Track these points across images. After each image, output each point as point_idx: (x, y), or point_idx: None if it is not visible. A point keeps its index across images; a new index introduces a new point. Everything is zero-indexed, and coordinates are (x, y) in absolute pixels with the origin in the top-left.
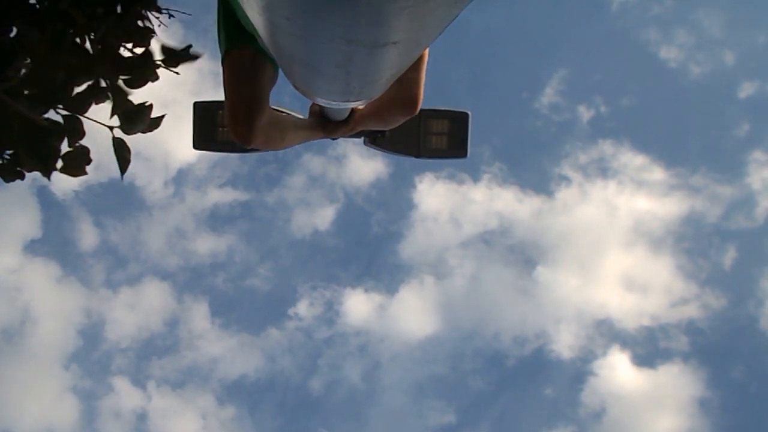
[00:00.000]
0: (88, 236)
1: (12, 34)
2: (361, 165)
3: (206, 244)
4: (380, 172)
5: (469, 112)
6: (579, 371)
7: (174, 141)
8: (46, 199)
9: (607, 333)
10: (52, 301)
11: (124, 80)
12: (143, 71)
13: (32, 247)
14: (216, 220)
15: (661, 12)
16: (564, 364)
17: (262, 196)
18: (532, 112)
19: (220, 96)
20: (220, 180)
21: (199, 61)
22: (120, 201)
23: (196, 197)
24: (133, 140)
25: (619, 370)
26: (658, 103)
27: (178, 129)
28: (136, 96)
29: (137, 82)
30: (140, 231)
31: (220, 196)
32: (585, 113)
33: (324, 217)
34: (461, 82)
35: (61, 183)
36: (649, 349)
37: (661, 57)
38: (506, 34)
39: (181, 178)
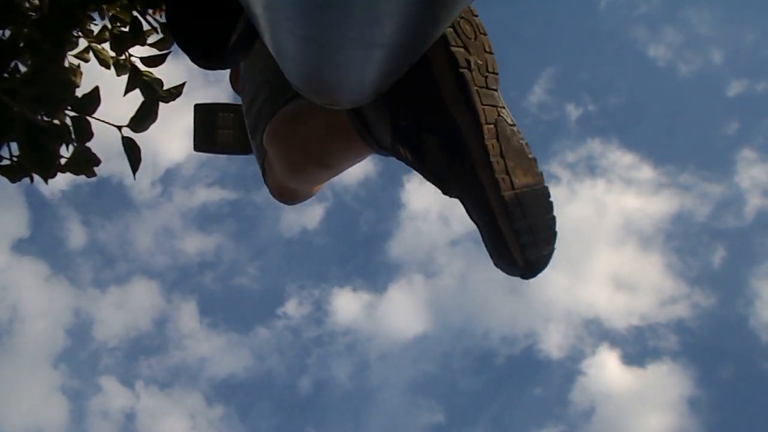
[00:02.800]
0: (76, 235)
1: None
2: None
3: (194, 244)
4: (369, 171)
5: None
6: (568, 370)
7: (162, 141)
8: (34, 198)
9: (596, 332)
10: (40, 301)
11: (140, 58)
12: (162, 41)
13: (20, 247)
14: (204, 219)
15: (649, 10)
16: (553, 364)
17: (251, 195)
18: (520, 111)
19: (210, 96)
20: (208, 179)
21: (188, 60)
22: (108, 200)
23: (185, 197)
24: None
25: (608, 369)
26: (647, 101)
27: (166, 129)
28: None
29: (154, 61)
30: (128, 230)
31: (208, 195)
32: (573, 111)
33: (312, 216)
34: None
35: (50, 182)
36: (638, 348)
37: (649, 55)
38: (493, 32)
39: (169, 177)
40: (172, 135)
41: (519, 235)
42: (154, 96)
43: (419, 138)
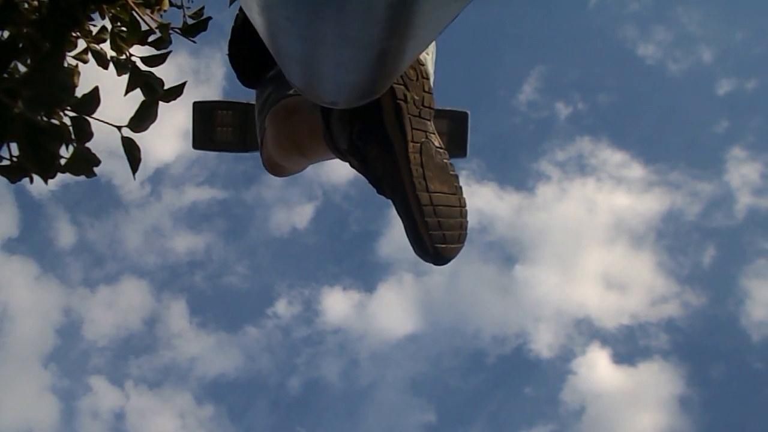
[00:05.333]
0: (65, 234)
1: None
2: (340, 162)
3: (184, 243)
4: None
5: (469, 112)
6: (559, 370)
7: (152, 139)
8: (23, 197)
9: (587, 331)
10: (29, 300)
11: (140, 58)
12: (160, 40)
13: (9, 246)
14: (194, 218)
15: (638, 9)
16: (543, 363)
17: (240, 194)
18: (509, 109)
19: (201, 94)
20: (198, 178)
21: (179, 59)
22: (97, 200)
23: (174, 196)
24: (113, 138)
25: (598, 369)
26: (636, 99)
27: (156, 127)
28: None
29: (154, 61)
30: (118, 229)
31: (197, 194)
32: (563, 110)
33: (302, 215)
34: (436, 79)
35: (39, 181)
36: (628, 347)
37: (638, 54)
38: (483, 31)
39: (158, 176)
40: (161, 134)
41: (429, 228)
42: (155, 96)
43: (365, 148)
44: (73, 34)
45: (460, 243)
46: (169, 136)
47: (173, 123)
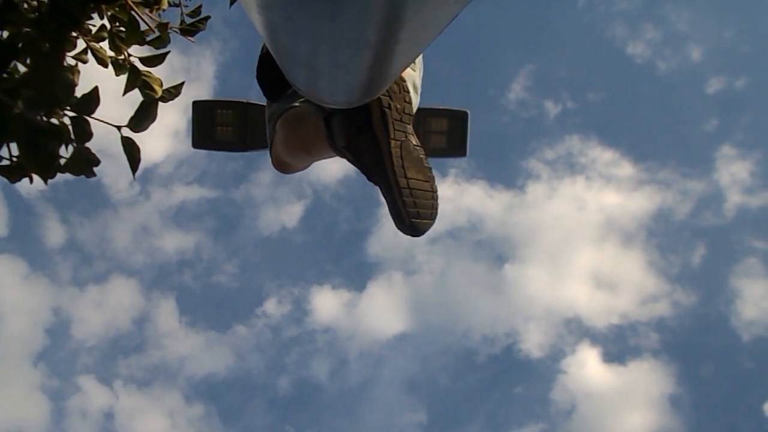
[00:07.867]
0: (54, 233)
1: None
2: (329, 161)
3: (173, 242)
4: (348, 168)
5: (468, 111)
6: (549, 369)
7: (141, 138)
8: (12, 196)
9: (577, 331)
10: (19, 299)
11: (139, 58)
12: (159, 40)
13: None
14: (183, 217)
15: (627, 7)
16: (534, 362)
17: (230, 193)
18: (498, 108)
19: (193, 91)
20: (187, 178)
21: (170, 56)
22: (87, 199)
23: (164, 195)
24: (105, 137)
25: (588, 368)
26: (626, 98)
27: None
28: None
29: (153, 61)
30: (107, 228)
31: (187, 193)
32: (552, 108)
33: (292, 214)
34: (427, 77)
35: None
36: (618, 346)
37: (628, 52)
38: (472, 29)
39: (147, 175)
40: (150, 132)
41: (406, 206)
42: (154, 96)
43: (358, 145)
44: (73, 34)
45: (431, 219)
46: (159, 134)
47: (163, 122)
